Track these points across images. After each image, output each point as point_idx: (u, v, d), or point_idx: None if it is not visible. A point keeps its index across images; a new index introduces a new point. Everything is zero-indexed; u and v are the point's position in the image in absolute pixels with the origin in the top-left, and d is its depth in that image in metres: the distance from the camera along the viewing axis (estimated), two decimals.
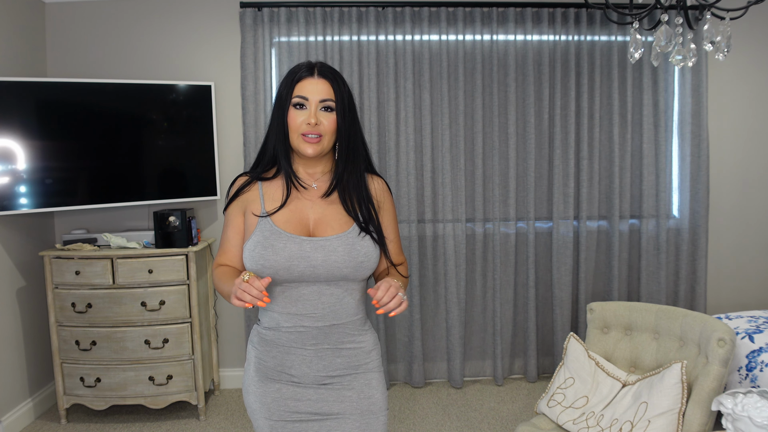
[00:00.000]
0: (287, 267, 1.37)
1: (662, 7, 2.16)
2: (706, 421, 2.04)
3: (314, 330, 1.42)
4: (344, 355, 1.45)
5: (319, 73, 1.42)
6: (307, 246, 1.39)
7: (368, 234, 1.44)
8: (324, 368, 1.44)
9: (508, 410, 3.26)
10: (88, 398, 3.10)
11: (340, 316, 1.44)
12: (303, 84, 1.41)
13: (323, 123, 1.40)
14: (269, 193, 1.47)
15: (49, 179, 3.04)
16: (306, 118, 1.39)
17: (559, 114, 3.52)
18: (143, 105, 3.23)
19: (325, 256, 1.38)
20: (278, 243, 1.38)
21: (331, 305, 1.42)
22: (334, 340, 1.44)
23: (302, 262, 1.38)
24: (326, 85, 1.41)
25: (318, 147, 1.41)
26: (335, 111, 1.41)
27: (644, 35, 3.40)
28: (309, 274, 1.38)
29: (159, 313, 3.08)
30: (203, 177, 3.37)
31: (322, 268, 1.38)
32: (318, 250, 1.39)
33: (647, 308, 2.41)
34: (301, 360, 1.43)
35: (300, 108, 1.40)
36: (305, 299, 1.41)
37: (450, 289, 3.55)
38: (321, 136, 1.41)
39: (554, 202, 3.57)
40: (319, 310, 1.41)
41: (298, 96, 1.40)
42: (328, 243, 1.40)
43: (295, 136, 1.42)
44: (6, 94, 2.89)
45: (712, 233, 3.77)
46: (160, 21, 3.50)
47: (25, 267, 3.24)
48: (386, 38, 3.45)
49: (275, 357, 1.44)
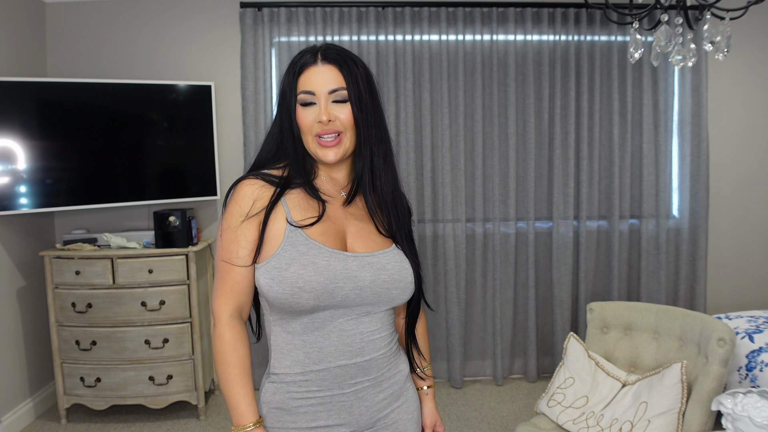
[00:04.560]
0: (331, 290, 1.09)
1: (662, 7, 2.16)
2: (706, 420, 2.04)
3: (353, 367, 1.15)
4: (385, 388, 1.21)
5: (323, 58, 1.14)
6: (353, 263, 1.13)
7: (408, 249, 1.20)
8: (367, 410, 1.18)
9: (508, 410, 3.26)
10: (88, 398, 3.10)
11: (379, 346, 1.18)
12: (307, 75, 1.14)
13: (339, 118, 1.13)
14: (292, 198, 1.16)
15: (49, 179, 3.04)
16: (317, 116, 1.12)
17: (559, 114, 3.52)
18: (143, 105, 3.23)
19: (374, 276, 1.14)
20: (320, 260, 1.10)
21: (369, 334, 1.16)
22: (373, 375, 1.18)
23: (348, 284, 1.11)
24: (333, 71, 1.13)
25: (339, 150, 1.14)
26: (349, 101, 1.14)
27: (644, 35, 3.40)
28: (354, 297, 1.12)
29: (159, 313, 3.08)
30: (203, 177, 3.37)
31: (369, 290, 1.13)
32: (365, 268, 1.13)
33: (647, 308, 2.41)
34: (339, 407, 1.15)
35: (307, 105, 1.14)
36: (341, 330, 1.14)
37: (450, 289, 3.55)
38: (340, 133, 1.14)
39: (554, 202, 3.57)
40: (357, 342, 1.15)
41: (304, 91, 1.13)
42: (376, 260, 1.15)
43: (309, 140, 1.15)
44: (6, 94, 2.89)
45: (712, 233, 3.77)
46: (160, 21, 3.50)
47: (25, 267, 3.24)
48: (386, 38, 3.45)
49: (307, 412, 1.15)
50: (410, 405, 1.27)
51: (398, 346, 1.28)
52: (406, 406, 1.26)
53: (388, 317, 1.21)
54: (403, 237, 1.22)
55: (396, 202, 1.23)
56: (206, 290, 3.42)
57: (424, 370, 1.35)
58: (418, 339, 1.34)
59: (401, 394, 1.25)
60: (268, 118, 3.44)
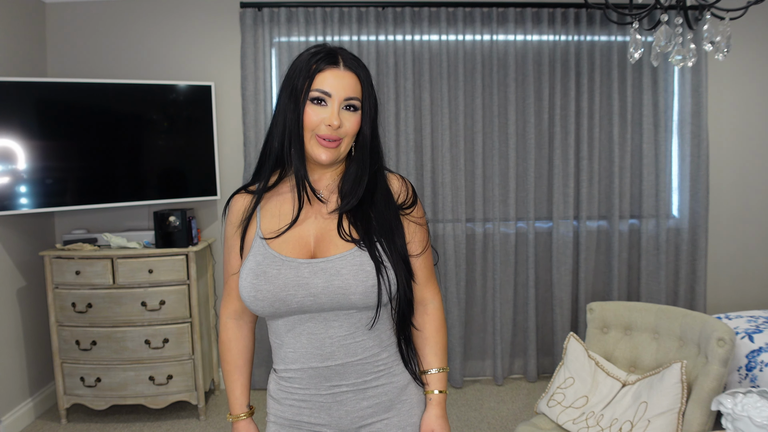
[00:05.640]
0: (283, 298, 1.13)
1: (662, 7, 2.16)
2: (706, 420, 2.04)
3: (325, 370, 1.17)
4: (369, 396, 1.19)
5: (345, 64, 1.16)
6: (305, 270, 1.14)
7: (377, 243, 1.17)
8: (347, 414, 1.18)
9: (508, 410, 3.26)
10: (89, 398, 3.11)
11: (354, 351, 1.17)
12: (325, 76, 1.14)
13: (345, 125, 1.15)
14: (267, 208, 1.22)
15: (49, 179, 3.04)
16: (327, 118, 1.13)
17: (559, 114, 3.52)
18: (143, 105, 3.23)
19: (327, 282, 1.13)
20: (271, 269, 1.14)
21: (340, 339, 1.16)
22: (352, 380, 1.18)
23: (300, 291, 1.13)
24: (353, 79, 1.16)
25: (334, 153, 1.16)
26: (360, 111, 1.17)
27: (644, 35, 3.40)
28: (310, 304, 1.13)
29: (159, 313, 3.08)
30: (203, 177, 3.37)
31: (324, 296, 1.13)
32: (317, 275, 1.13)
33: (647, 308, 2.41)
34: (319, 407, 1.19)
35: (318, 103, 1.14)
36: (310, 333, 1.16)
37: (450, 289, 3.55)
38: (340, 140, 1.16)
39: (554, 202, 3.57)
40: (327, 347, 1.16)
41: (319, 90, 1.13)
42: (330, 265, 1.14)
43: (308, 136, 1.16)
44: (6, 94, 2.89)
45: (711, 233, 3.77)
46: (160, 21, 3.50)
47: (25, 267, 3.24)
48: (386, 38, 3.45)
49: (292, 405, 1.21)
50: (404, 418, 1.22)
51: (397, 356, 1.23)
52: (398, 418, 1.22)
53: (363, 323, 1.17)
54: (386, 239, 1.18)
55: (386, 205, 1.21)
56: (206, 290, 3.42)
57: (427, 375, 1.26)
58: (426, 339, 1.27)
59: (392, 406, 1.21)
60: (268, 118, 3.44)
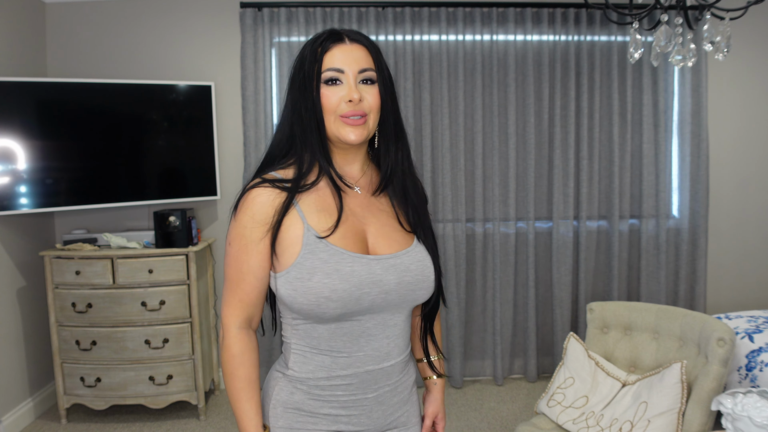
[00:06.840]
0: (357, 297, 1.05)
1: (662, 7, 2.16)
2: (706, 420, 2.04)
3: (379, 372, 1.13)
4: (399, 392, 1.19)
5: (350, 38, 1.10)
6: (376, 267, 1.08)
7: (429, 243, 1.17)
8: (383, 414, 1.16)
9: (508, 410, 3.26)
10: (89, 398, 3.10)
11: (402, 349, 1.16)
12: (333, 53, 1.08)
13: (366, 99, 1.09)
14: (308, 202, 1.10)
15: (49, 179, 3.04)
16: (346, 94, 1.07)
17: (559, 114, 3.52)
18: (143, 105, 3.23)
19: (399, 278, 1.09)
20: (343, 267, 1.05)
21: (395, 338, 1.14)
22: (394, 379, 1.16)
23: (374, 289, 1.07)
24: (363, 51, 1.10)
25: (363, 130, 1.09)
26: (377, 83, 1.11)
27: (644, 35, 3.40)
28: (380, 302, 1.08)
29: (159, 313, 3.08)
30: (203, 177, 3.37)
31: (395, 293, 1.09)
32: (389, 271, 1.09)
33: (647, 308, 2.41)
34: (361, 411, 1.13)
35: (333, 84, 1.08)
36: (369, 335, 1.10)
37: (450, 289, 3.55)
38: (366, 115, 1.09)
39: (554, 202, 3.57)
40: (384, 347, 1.12)
41: (331, 69, 1.07)
42: (399, 261, 1.10)
43: (331, 119, 1.09)
44: (6, 94, 2.89)
45: (711, 233, 3.77)
46: (161, 21, 3.50)
47: (25, 267, 3.24)
48: (386, 38, 3.45)
49: (328, 414, 1.12)
50: (416, 409, 1.26)
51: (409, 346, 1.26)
52: (414, 409, 1.25)
53: (409, 318, 1.18)
54: (424, 229, 1.18)
55: (416, 191, 1.19)
56: (206, 290, 3.43)
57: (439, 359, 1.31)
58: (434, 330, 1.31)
59: (409, 398, 1.23)
60: (268, 118, 3.45)
